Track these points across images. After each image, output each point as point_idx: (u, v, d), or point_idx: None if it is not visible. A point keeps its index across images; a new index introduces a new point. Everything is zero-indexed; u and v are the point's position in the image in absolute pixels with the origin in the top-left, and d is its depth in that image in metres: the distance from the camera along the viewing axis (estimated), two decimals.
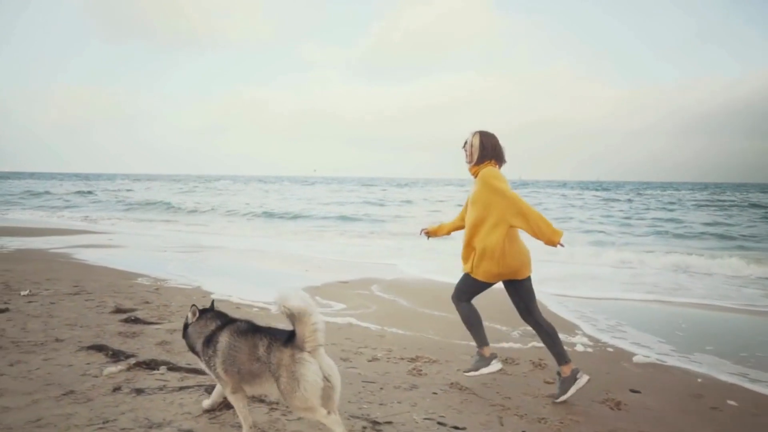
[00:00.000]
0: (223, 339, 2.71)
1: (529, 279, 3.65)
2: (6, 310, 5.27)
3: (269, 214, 22.87)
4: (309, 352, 2.46)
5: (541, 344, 4.61)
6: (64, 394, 3.19)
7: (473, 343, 4.64)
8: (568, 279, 8.54)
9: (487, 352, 3.82)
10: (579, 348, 4.71)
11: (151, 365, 3.81)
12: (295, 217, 22.25)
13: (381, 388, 3.55)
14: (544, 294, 7.05)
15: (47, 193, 38.23)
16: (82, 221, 19.35)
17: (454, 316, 5.65)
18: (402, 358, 4.23)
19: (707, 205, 33.24)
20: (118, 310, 5.49)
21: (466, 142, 3.75)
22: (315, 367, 2.45)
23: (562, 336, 4.90)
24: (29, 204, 28.91)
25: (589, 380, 3.51)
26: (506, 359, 4.31)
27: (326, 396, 2.50)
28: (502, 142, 3.73)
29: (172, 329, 4.77)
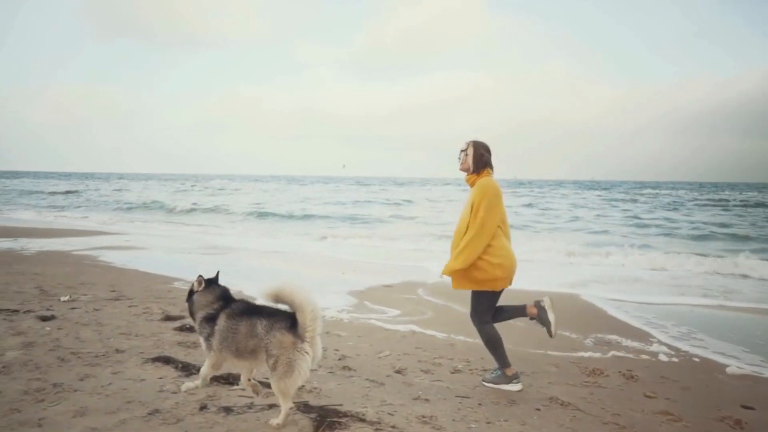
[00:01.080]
0: (221, 320, 2.93)
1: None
2: (52, 317, 5.03)
3: (277, 215, 22.51)
4: (308, 341, 2.70)
5: (624, 353, 4.42)
6: (150, 414, 2.97)
7: (551, 352, 4.45)
8: (612, 281, 8.36)
9: (509, 372, 3.71)
10: (663, 358, 4.50)
11: (228, 380, 3.58)
12: (305, 216, 21.94)
13: (479, 404, 3.34)
14: (596, 298, 6.86)
15: (41, 192, 37.80)
16: (95, 222, 19.02)
17: (514, 322, 5.44)
18: (485, 370, 4.00)
19: (711, 205, 33.17)
20: (168, 318, 5.26)
21: (461, 151, 3.79)
22: (309, 361, 2.72)
23: (635, 344, 4.73)
24: (29, 203, 28.46)
25: (550, 298, 3.77)
26: (593, 370, 4.09)
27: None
28: (495, 142, 3.85)
29: None
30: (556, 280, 8.50)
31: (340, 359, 4.13)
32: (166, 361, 3.91)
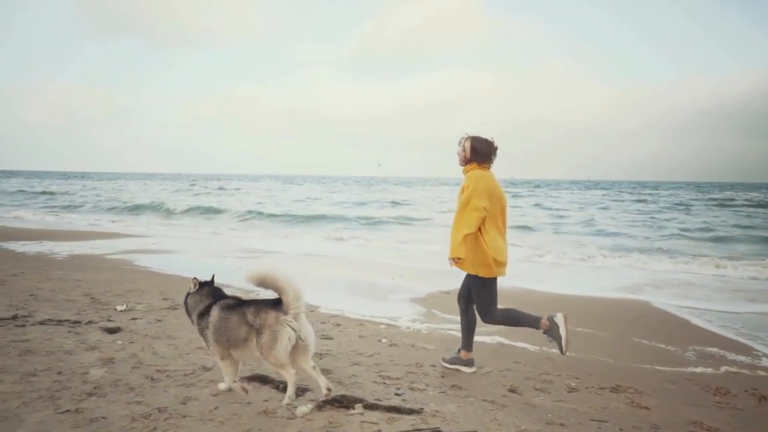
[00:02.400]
0: (214, 313, 3.18)
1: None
2: (117, 329, 4.78)
3: (290, 216, 22.06)
4: (293, 316, 2.96)
5: (737, 369, 4.17)
6: None
7: (659, 367, 4.20)
8: (665, 286, 8.11)
9: (465, 356, 4.03)
10: None
11: (342, 402, 3.30)
12: (321, 217, 21.57)
13: (620, 429, 3.06)
14: (667, 305, 6.59)
15: (48, 192, 37.40)
16: (108, 224, 18.71)
17: (601, 332, 5.19)
18: (602, 388, 3.75)
19: (720, 206, 33.03)
20: None
21: (459, 144, 3.96)
22: (291, 331, 2.95)
23: (742, 358, 4.47)
24: (32, 204, 28.04)
25: (565, 314, 3.85)
26: (717, 389, 3.82)
27: (302, 352, 3.07)
28: (496, 141, 3.92)
29: (316, 353, 4.26)
30: (606, 285, 8.25)
31: (443, 376, 3.87)
32: (263, 380, 3.65)
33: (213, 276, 3.46)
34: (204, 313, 3.25)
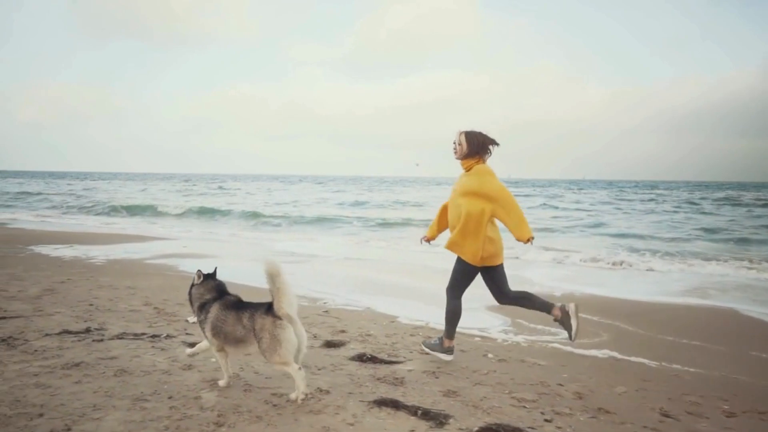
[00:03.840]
0: (213, 310, 3.35)
1: (501, 266, 4.15)
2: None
3: (302, 217, 21.55)
4: (285, 319, 3.11)
5: None
6: None
7: None
8: (738, 290, 7.80)
9: (447, 343, 4.22)
10: None
11: None
12: (336, 219, 21.10)
13: None
14: (759, 314, 6.25)
15: (39, 193, 36.87)
16: (127, 226, 18.29)
17: (711, 344, 4.89)
18: (761, 412, 3.45)
19: (733, 205, 32.86)
20: (330, 344, 4.63)
21: (454, 142, 4.13)
22: (291, 331, 3.12)
23: None
24: (36, 206, 27.54)
25: (576, 304, 4.05)
26: None
27: (297, 353, 3.20)
28: (491, 136, 4.07)
29: (425, 370, 3.99)
30: (670, 289, 7.96)
31: (580, 398, 3.55)
32: (395, 405, 3.32)
33: (215, 269, 3.66)
34: (204, 307, 3.42)
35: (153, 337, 4.57)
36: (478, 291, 7.23)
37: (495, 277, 4.17)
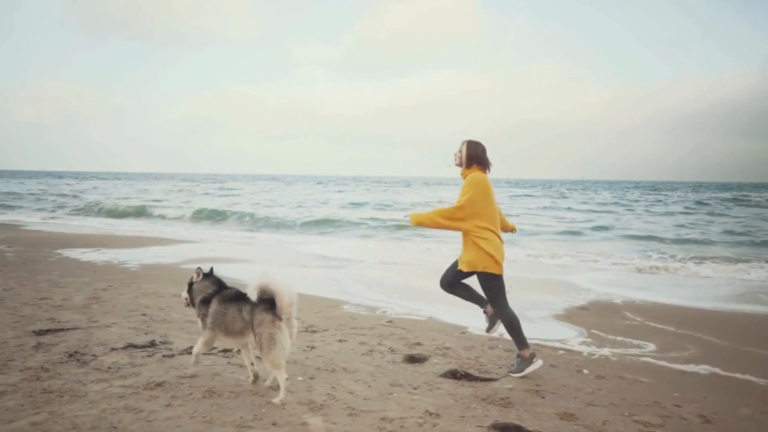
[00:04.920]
0: (215, 303, 3.48)
1: (492, 275, 4.02)
2: None
3: (315, 219, 21.11)
4: (284, 320, 3.22)
5: None
6: None
7: None
8: None
9: (527, 353, 4.06)
10: None
11: None
12: (345, 221, 20.52)
13: None
14: None
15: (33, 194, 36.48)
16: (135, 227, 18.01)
17: None
18: None
19: (741, 206, 32.67)
20: (413, 359, 4.37)
21: (458, 150, 4.20)
22: (287, 334, 3.23)
23: None
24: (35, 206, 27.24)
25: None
26: None
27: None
28: (489, 143, 4.20)
29: (526, 389, 3.78)
30: (721, 294, 7.71)
31: (708, 422, 3.32)
32: (518, 431, 3.04)
33: (212, 268, 3.77)
34: (206, 301, 3.54)
35: (224, 352, 4.31)
36: (542, 298, 7.05)
37: (454, 267, 4.26)
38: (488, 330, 4.35)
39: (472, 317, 5.67)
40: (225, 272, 8.19)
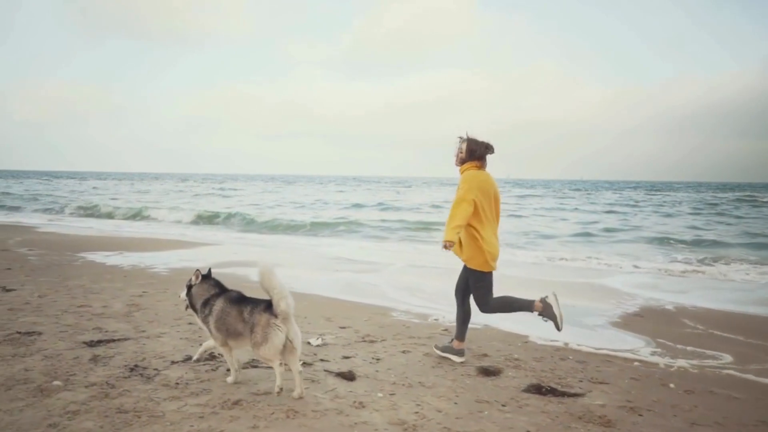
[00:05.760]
0: (218, 305, 3.51)
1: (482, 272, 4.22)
2: (352, 374, 3.97)
3: (324, 221, 20.79)
4: (282, 319, 3.27)
5: None
6: None
7: None
8: None
9: (459, 345, 4.39)
10: None
11: None
12: (354, 222, 20.24)
13: None
14: None
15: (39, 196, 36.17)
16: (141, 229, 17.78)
17: None
18: None
19: (750, 206, 32.57)
20: (487, 372, 4.20)
21: (457, 147, 4.28)
22: (282, 334, 3.28)
23: None
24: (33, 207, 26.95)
25: (554, 293, 4.28)
26: None
27: (289, 352, 3.36)
28: (492, 143, 4.21)
29: (619, 405, 3.59)
30: (753, 298, 7.52)
31: None
32: None
33: (210, 269, 3.82)
34: (208, 303, 3.57)
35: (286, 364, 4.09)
36: (590, 304, 6.83)
37: (465, 275, 4.36)
38: (558, 328, 4.22)
39: (530, 325, 5.48)
40: (253, 278, 8.00)
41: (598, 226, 20.71)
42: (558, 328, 4.21)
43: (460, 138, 4.25)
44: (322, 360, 4.27)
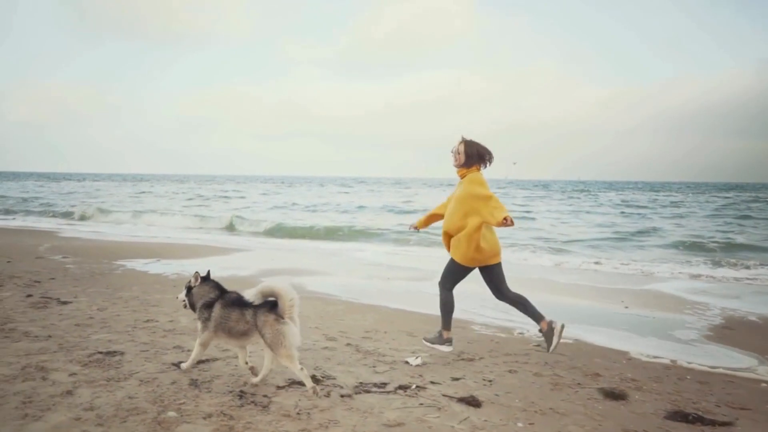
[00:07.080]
0: (218, 307, 3.64)
1: (498, 265, 4.43)
2: (475, 400, 3.75)
3: (338, 227, 20.29)
4: (288, 318, 3.43)
5: None
6: None
7: None
8: None
9: (446, 335, 4.55)
10: None
11: None
12: (370, 227, 19.67)
13: None
14: None
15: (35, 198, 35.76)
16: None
17: None
18: None
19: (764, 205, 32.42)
20: (611, 395, 3.92)
21: (454, 148, 4.35)
22: (293, 328, 3.44)
23: None
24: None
25: (563, 325, 4.37)
26: None
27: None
28: (488, 144, 4.35)
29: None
30: None
31: None
32: None
33: (209, 271, 3.89)
34: (208, 305, 3.65)
35: (380, 386, 3.81)
36: (668, 315, 6.51)
37: (492, 277, 4.45)
38: (547, 350, 4.41)
39: (625, 341, 5.20)
40: (309, 287, 7.72)
41: (617, 229, 20.41)
42: (547, 350, 4.43)
43: (459, 140, 4.35)
44: (432, 383, 3.99)
